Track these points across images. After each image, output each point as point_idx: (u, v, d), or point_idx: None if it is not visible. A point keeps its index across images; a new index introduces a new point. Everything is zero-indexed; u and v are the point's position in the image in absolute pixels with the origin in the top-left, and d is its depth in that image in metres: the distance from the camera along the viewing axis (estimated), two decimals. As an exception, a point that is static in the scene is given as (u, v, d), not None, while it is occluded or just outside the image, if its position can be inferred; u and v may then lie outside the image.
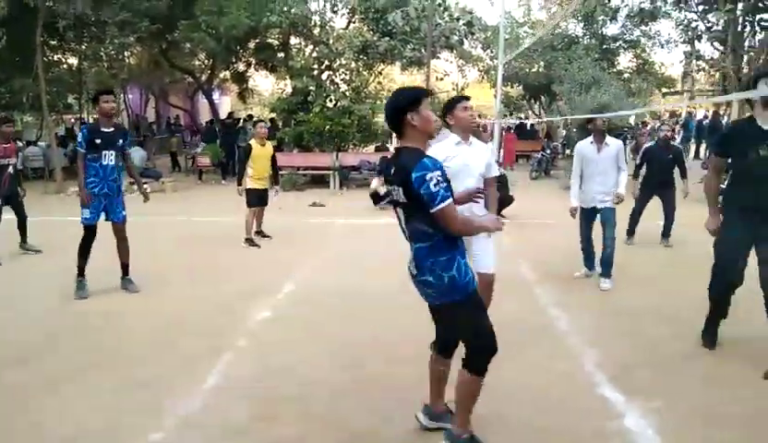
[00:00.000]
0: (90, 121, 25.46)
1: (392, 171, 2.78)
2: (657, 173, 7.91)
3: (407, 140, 2.80)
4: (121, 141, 5.86)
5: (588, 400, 3.61)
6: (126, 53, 19.03)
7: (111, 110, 5.72)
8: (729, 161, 4.29)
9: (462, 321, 2.82)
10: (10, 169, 7.47)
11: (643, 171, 8.18)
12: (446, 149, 4.00)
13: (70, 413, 3.43)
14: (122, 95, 26.15)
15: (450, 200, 2.63)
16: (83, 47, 17.34)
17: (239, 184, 8.21)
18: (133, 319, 5.09)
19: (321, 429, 3.28)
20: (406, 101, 2.78)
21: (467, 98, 4.23)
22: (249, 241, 8.04)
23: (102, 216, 5.94)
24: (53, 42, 17.67)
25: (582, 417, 3.39)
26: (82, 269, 5.85)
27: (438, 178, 2.59)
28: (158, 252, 7.73)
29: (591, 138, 6.04)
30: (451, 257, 2.74)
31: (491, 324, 2.85)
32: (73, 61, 20.06)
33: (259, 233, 8.42)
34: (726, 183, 4.64)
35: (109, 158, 5.75)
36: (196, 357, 4.24)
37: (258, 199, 8.17)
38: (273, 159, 8.41)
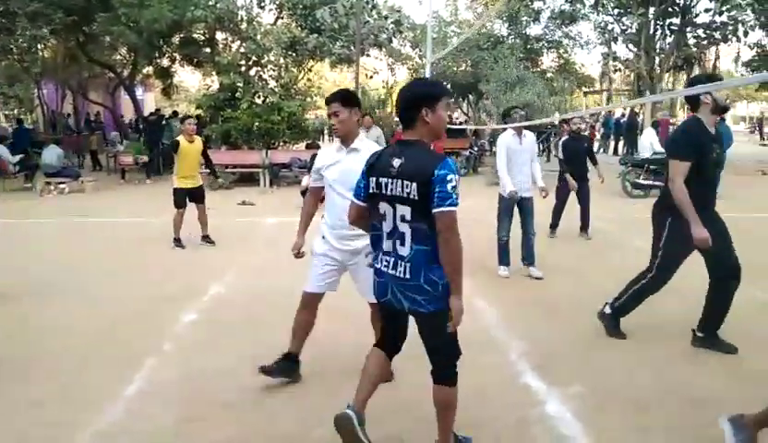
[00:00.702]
0: (1, 116, 24.03)
1: (398, 164, 2.59)
2: (576, 166, 8.25)
3: (414, 134, 2.66)
4: None
5: (513, 390, 3.73)
6: (39, 46, 18.00)
7: None
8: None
9: (445, 330, 2.69)
10: None
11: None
12: (327, 155, 3.66)
13: (-21, 429, 3.23)
14: (35, 90, 24.81)
15: (456, 209, 2.54)
16: (-9, 39, 16.28)
17: (157, 174, 7.85)
18: (43, 329, 4.84)
19: (251, 431, 3.24)
20: (425, 95, 2.66)
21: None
22: (177, 241, 7.80)
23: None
24: (-44, 33, 16.51)
25: (506, 407, 3.50)
26: None
27: (457, 183, 2.54)
28: (78, 254, 7.39)
29: (512, 131, 6.23)
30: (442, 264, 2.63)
31: None
32: (-20, 53, 18.82)
33: (205, 237, 8.02)
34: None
35: None
36: (118, 363, 4.08)
37: (184, 199, 7.87)
38: (205, 153, 8.14)
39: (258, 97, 15.38)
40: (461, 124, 23.21)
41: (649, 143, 12.66)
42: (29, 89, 24.67)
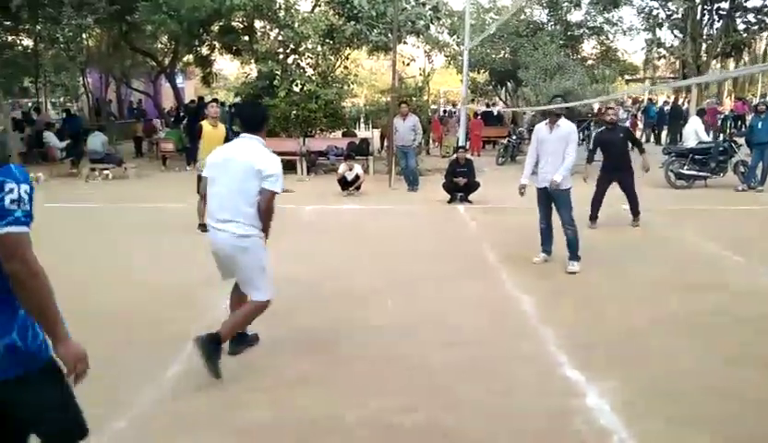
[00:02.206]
0: (49, 105, 24.77)
1: None
2: (613, 157, 8.11)
3: None
4: None
5: (551, 380, 3.69)
6: (84, 36, 18.44)
7: None
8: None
9: (51, 392, 2.13)
10: None
11: (600, 156, 8.38)
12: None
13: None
14: (81, 78, 25.47)
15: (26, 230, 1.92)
16: (38, 28, 16.75)
17: (195, 161, 7.97)
18: (89, 311, 4.97)
19: (286, 415, 3.29)
20: None
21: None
22: (202, 227, 7.92)
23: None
24: (6, 23, 17.06)
25: (544, 398, 3.46)
26: None
27: (26, 194, 1.95)
28: (121, 239, 7.59)
29: (545, 120, 6.14)
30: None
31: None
32: (28, 43, 19.42)
33: None
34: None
35: None
36: (159, 345, 4.18)
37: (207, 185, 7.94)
38: (227, 141, 8.20)
39: (296, 85, 15.44)
40: (498, 112, 22.93)
41: (694, 132, 12.28)
42: (75, 77, 25.42)
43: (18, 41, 19.35)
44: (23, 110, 22.84)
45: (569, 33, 21.34)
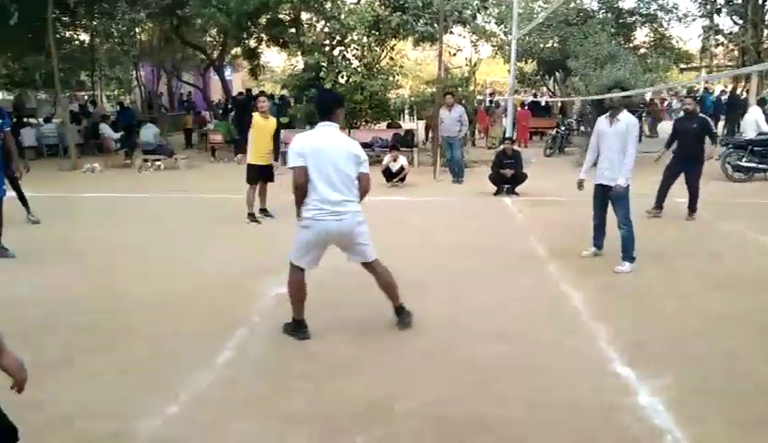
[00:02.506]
0: (103, 98, 25.57)
1: None
2: (685, 147, 7.99)
3: None
4: None
5: (601, 377, 3.61)
6: (137, 30, 18.98)
7: None
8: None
9: None
10: None
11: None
12: None
13: (81, 392, 3.48)
14: (134, 72, 26.21)
15: None
16: (94, 23, 17.31)
17: (241, 152, 8.11)
18: (141, 298, 5.13)
19: (335, 404, 3.32)
20: None
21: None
22: (251, 216, 8.07)
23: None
24: (64, 19, 17.67)
25: (594, 394, 3.39)
26: None
27: None
28: (172, 228, 7.79)
29: (607, 113, 5.94)
30: None
31: None
32: (85, 38, 20.09)
33: (263, 211, 8.38)
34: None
35: None
36: (208, 334, 4.28)
37: (256, 176, 8.10)
38: (276, 134, 8.34)
39: (342, 76, 15.50)
40: (546, 103, 22.49)
41: (754, 122, 11.79)
42: (128, 70, 26.18)
43: (76, 37, 20.03)
44: (80, 103, 23.68)
45: (620, 21, 20.69)
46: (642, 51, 20.60)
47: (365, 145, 14.66)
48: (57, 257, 6.38)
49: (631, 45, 20.48)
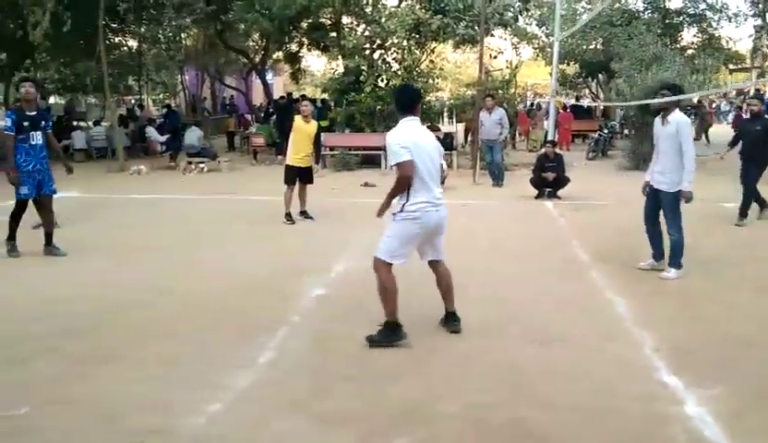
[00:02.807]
0: (149, 101, 26.23)
1: None
2: (746, 148, 7.85)
3: None
4: (43, 123, 6.44)
5: (646, 384, 3.53)
6: (182, 35, 19.44)
7: (27, 95, 6.33)
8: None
9: None
10: None
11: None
12: None
13: (126, 387, 3.56)
14: (179, 76, 26.84)
15: None
16: (142, 30, 17.81)
17: (282, 154, 8.26)
18: (184, 296, 5.23)
19: (375, 406, 3.32)
20: None
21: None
22: (287, 216, 8.19)
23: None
24: (114, 26, 18.24)
25: (639, 402, 3.31)
26: (49, 238, 6.53)
27: None
28: (215, 229, 7.94)
29: (660, 113, 5.70)
30: None
31: None
32: (133, 43, 20.68)
33: (303, 213, 8.43)
34: None
35: (36, 138, 6.29)
36: (250, 333, 4.34)
37: (294, 177, 8.22)
38: (317, 137, 8.45)
39: (382, 80, 15.56)
40: (588, 106, 22.11)
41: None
42: (173, 75, 26.83)
43: (124, 43, 20.65)
44: (127, 107, 24.39)
45: (667, 21, 20.22)
46: (690, 52, 20.09)
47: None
48: (102, 256, 6.58)
49: (678, 46, 19.98)
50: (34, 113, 6.37)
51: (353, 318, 4.60)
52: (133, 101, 26.13)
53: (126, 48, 20.87)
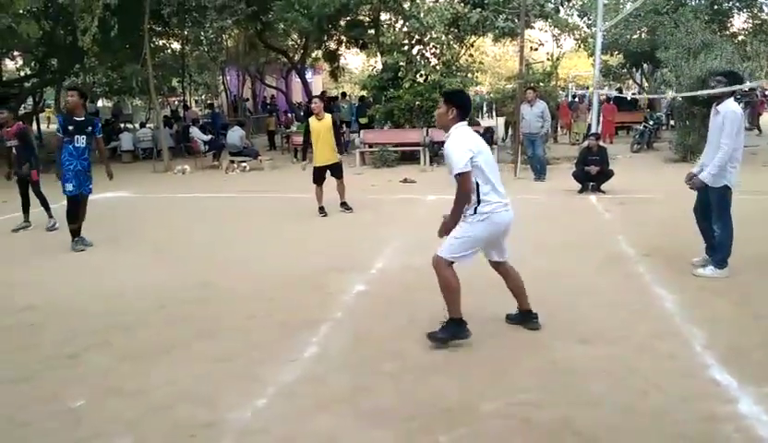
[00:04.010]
0: (192, 102, 26.78)
1: None
2: None
3: None
4: (90, 128, 6.87)
5: (697, 383, 3.43)
6: (224, 36, 19.78)
7: (69, 104, 6.95)
8: None
9: None
10: (14, 149, 7.98)
11: None
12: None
13: (176, 380, 3.66)
14: (220, 77, 27.33)
15: None
16: (185, 32, 18.21)
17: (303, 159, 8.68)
18: (229, 292, 5.34)
19: (416, 404, 3.32)
20: None
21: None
22: (321, 210, 8.53)
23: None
24: (158, 29, 18.69)
25: (691, 401, 3.22)
26: (76, 231, 6.93)
27: None
28: (259, 226, 8.06)
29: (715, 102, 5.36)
30: None
31: None
32: (176, 46, 21.17)
33: (344, 204, 8.73)
34: None
35: (80, 141, 6.77)
36: (293, 328, 4.40)
37: (319, 176, 8.57)
38: (336, 128, 8.73)
39: (420, 75, 15.51)
40: (633, 96, 21.54)
41: None
42: (215, 76, 27.34)
43: (168, 45, 21.15)
44: (171, 108, 24.98)
45: (715, 7, 19.50)
46: (741, 38, 19.33)
47: (443, 143, 14.69)
48: (151, 252, 6.77)
49: (728, 33, 19.26)
50: (82, 118, 6.85)
51: (393, 315, 4.61)
52: (176, 102, 26.74)
53: (169, 50, 21.38)
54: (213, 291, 5.37)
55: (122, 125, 21.52)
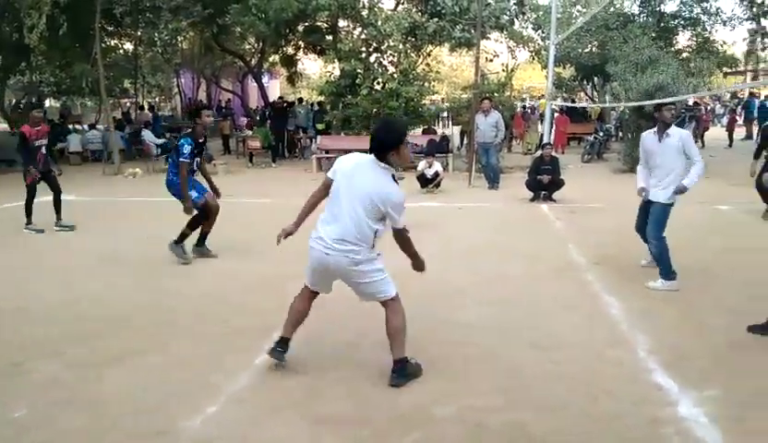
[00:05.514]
0: (145, 104, 26.23)
1: None
2: None
3: None
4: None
5: (640, 387, 3.54)
6: (178, 38, 19.44)
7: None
8: None
9: None
10: (43, 149, 7.97)
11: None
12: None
13: (127, 389, 3.57)
14: (175, 79, 26.81)
15: None
16: (139, 33, 17.81)
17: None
18: (181, 298, 5.24)
19: (372, 410, 3.33)
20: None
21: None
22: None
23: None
24: (110, 29, 18.22)
25: (634, 405, 3.33)
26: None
27: None
28: (212, 232, 7.91)
29: (654, 129, 5.59)
30: None
31: None
32: (129, 46, 20.68)
33: None
34: None
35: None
36: (247, 335, 4.35)
37: None
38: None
39: (378, 83, 15.60)
40: (584, 108, 22.17)
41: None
42: (169, 78, 26.80)
43: (120, 45, 20.64)
44: (123, 110, 24.37)
45: (662, 25, 20.29)
46: (685, 55, 20.15)
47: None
48: (96, 259, 6.58)
49: (673, 49, 20.05)
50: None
51: (347, 320, 4.60)
52: (128, 104, 26.10)
53: (121, 51, 20.86)
54: (166, 297, 5.26)
55: (70, 127, 20.85)
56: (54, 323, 4.65)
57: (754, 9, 20.92)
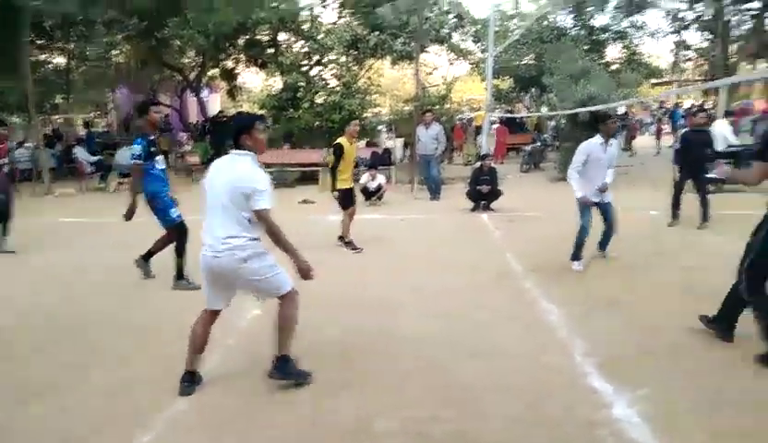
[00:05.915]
0: (78, 121, 25.30)
1: None
2: (692, 159, 8.22)
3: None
4: None
5: (578, 391, 3.63)
6: (113, 52, 18.89)
7: None
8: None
9: None
10: (4, 168, 7.54)
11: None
12: None
13: (58, 418, 3.43)
14: (110, 94, 25.99)
15: None
16: (71, 46, 17.20)
17: (333, 189, 7.57)
18: (118, 321, 5.06)
19: (311, 425, 3.29)
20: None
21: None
22: (349, 244, 7.66)
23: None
24: (39, 42, 17.52)
25: (570, 409, 3.41)
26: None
27: None
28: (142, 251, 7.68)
29: (600, 139, 6.16)
30: None
31: None
32: (60, 60, 19.94)
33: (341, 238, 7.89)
34: None
35: None
36: (184, 356, 4.21)
37: (352, 197, 7.80)
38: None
39: (320, 96, 15.59)
40: (522, 119, 22.76)
41: (722, 135, 12.00)
42: (104, 93, 25.93)
43: (51, 59, 19.88)
44: (53, 126, 23.43)
45: (593, 38, 21.12)
46: (615, 66, 21.00)
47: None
48: (28, 280, 6.28)
49: (604, 62, 20.88)
50: None
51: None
52: (60, 121, 25.13)
53: (52, 65, 20.09)
54: (100, 317, 5.05)
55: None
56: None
57: (677, 23, 22.06)
